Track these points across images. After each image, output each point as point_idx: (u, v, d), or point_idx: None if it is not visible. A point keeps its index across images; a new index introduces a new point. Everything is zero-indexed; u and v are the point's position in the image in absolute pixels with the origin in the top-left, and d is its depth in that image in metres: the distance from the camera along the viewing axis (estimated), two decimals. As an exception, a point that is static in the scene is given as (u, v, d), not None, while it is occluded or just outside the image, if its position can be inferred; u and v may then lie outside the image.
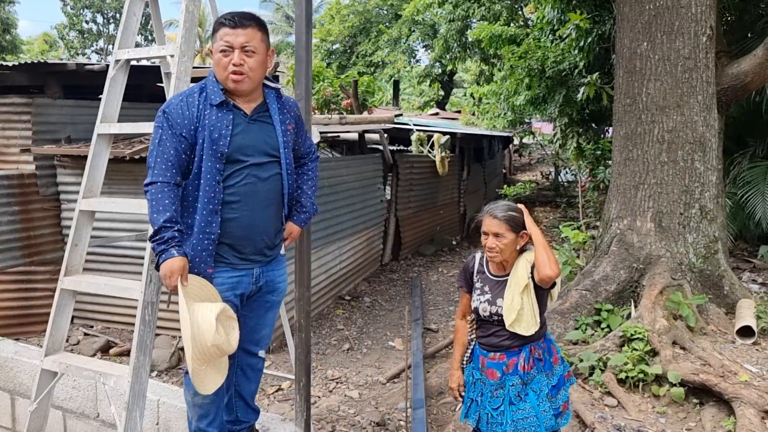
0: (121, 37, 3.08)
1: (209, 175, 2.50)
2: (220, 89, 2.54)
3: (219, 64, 2.51)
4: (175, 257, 2.42)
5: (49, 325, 3.00)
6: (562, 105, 9.07)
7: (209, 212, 2.52)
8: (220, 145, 2.50)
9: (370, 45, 24.02)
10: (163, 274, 2.43)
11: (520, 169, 23.66)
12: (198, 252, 2.53)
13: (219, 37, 2.51)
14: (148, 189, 2.48)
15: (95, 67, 6.04)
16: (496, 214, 2.66)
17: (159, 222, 2.42)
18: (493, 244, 2.66)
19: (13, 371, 4.04)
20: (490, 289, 2.75)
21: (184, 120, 2.49)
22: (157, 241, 2.43)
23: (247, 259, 2.68)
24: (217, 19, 2.56)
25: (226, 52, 2.49)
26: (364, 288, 8.38)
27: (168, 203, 2.45)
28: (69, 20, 32.04)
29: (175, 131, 2.49)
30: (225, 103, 2.54)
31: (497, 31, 10.50)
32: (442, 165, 10.22)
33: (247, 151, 2.57)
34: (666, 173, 5.55)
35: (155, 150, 2.50)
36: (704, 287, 5.50)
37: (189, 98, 2.54)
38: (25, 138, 6.02)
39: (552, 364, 2.76)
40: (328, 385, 5.32)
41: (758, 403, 3.97)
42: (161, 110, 2.53)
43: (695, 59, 5.48)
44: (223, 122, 2.52)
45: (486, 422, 2.74)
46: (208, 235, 2.53)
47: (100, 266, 5.96)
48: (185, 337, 2.37)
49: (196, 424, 2.77)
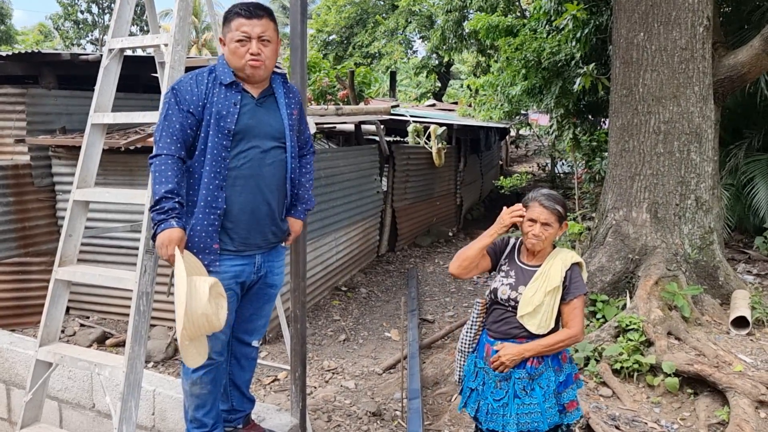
0: (114, 26, 3.05)
1: (215, 150, 2.54)
2: (232, 72, 2.59)
3: (236, 53, 2.55)
4: (174, 228, 2.43)
5: (43, 315, 3.00)
6: (558, 96, 9.07)
7: (215, 187, 2.55)
8: (227, 122, 2.54)
9: (366, 36, 23.94)
10: (160, 243, 2.43)
11: (517, 160, 23.66)
12: (204, 227, 2.56)
13: (234, 27, 2.55)
14: (153, 161, 2.50)
15: (90, 57, 6.00)
16: (546, 204, 2.64)
17: (160, 192, 2.43)
18: (540, 233, 2.63)
19: (8, 362, 4.04)
20: (516, 275, 2.72)
21: (192, 96, 2.54)
22: (157, 211, 2.44)
23: (251, 244, 2.69)
24: (231, 9, 2.59)
25: (244, 42, 2.54)
26: (361, 279, 8.39)
27: (171, 175, 2.46)
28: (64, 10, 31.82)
29: (182, 107, 2.53)
30: (234, 84, 2.59)
31: (494, 21, 10.45)
32: (439, 156, 10.22)
33: (253, 132, 2.61)
34: (662, 164, 5.55)
35: (161, 124, 2.54)
36: (699, 278, 5.52)
37: (198, 77, 2.59)
38: (19, 128, 5.99)
39: (560, 361, 2.72)
40: (324, 376, 5.33)
41: (752, 393, 3.99)
42: (171, 88, 2.58)
43: (692, 50, 5.47)
44: (231, 101, 2.57)
45: (486, 413, 2.70)
46: (213, 210, 2.56)
47: (94, 257, 5.95)
48: (178, 303, 2.34)
49: (192, 414, 2.78)
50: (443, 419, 4.27)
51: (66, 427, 3.83)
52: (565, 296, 2.64)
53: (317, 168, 7.13)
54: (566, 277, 2.64)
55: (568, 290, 2.64)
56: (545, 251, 2.72)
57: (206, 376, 2.71)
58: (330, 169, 7.51)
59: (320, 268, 7.28)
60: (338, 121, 8.03)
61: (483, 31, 10.61)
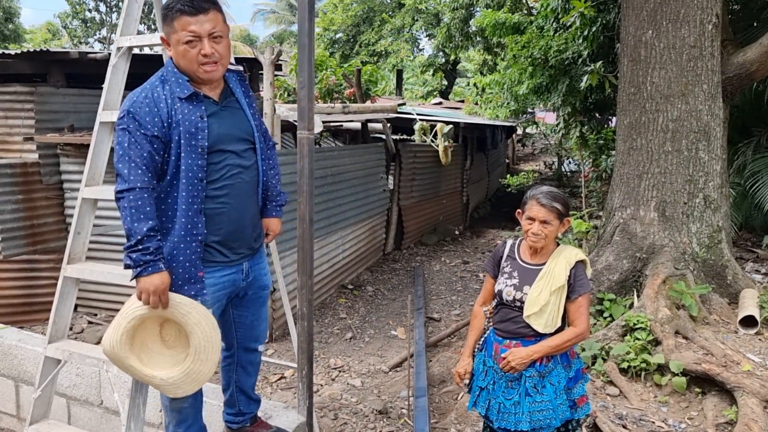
0: (123, 24, 3.06)
1: (191, 173, 2.33)
2: (186, 80, 2.37)
3: (186, 56, 2.32)
4: (163, 272, 2.29)
5: (52, 312, 3.01)
6: (565, 94, 9.04)
7: (194, 212, 2.37)
8: (198, 139, 2.33)
9: (373, 34, 23.92)
10: (151, 290, 2.27)
11: (523, 159, 23.63)
12: (187, 256, 2.37)
13: (180, 26, 2.29)
14: (124, 195, 2.26)
15: (98, 55, 6.02)
16: (544, 201, 2.62)
17: (142, 231, 2.23)
18: (539, 231, 2.62)
19: (17, 359, 4.06)
20: (519, 275, 2.71)
21: (155, 118, 2.29)
22: (141, 252, 2.24)
23: (236, 253, 2.58)
24: (170, 5, 2.31)
25: (193, 43, 2.30)
26: (367, 277, 8.39)
27: (149, 210, 2.27)
28: (72, 9, 31.95)
29: (146, 132, 2.28)
30: (195, 94, 2.36)
31: (501, 18, 10.42)
32: (445, 154, 10.20)
33: (225, 140, 2.43)
34: (670, 162, 5.53)
35: (126, 154, 2.27)
36: (707, 277, 5.49)
37: (152, 93, 2.33)
38: (28, 126, 6.02)
39: (569, 358, 2.71)
40: (331, 374, 5.34)
41: (760, 392, 3.97)
42: (125, 110, 2.31)
43: (701, 48, 5.44)
44: (196, 114, 2.35)
45: (497, 411, 2.68)
46: (194, 237, 2.38)
47: (101, 254, 5.97)
48: (212, 340, 2.41)
49: (173, 429, 2.69)
50: (450, 417, 4.27)
51: (74, 423, 3.85)
52: (570, 294, 2.63)
53: (324, 166, 7.14)
54: (571, 275, 2.64)
55: (573, 288, 2.64)
56: (548, 249, 2.71)
57: None
58: (336, 168, 7.52)
59: (327, 266, 7.29)
60: (345, 119, 8.03)
61: (489, 28, 10.58)
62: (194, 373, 2.42)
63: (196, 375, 2.43)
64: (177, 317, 2.38)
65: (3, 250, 5.89)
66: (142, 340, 2.43)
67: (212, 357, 2.43)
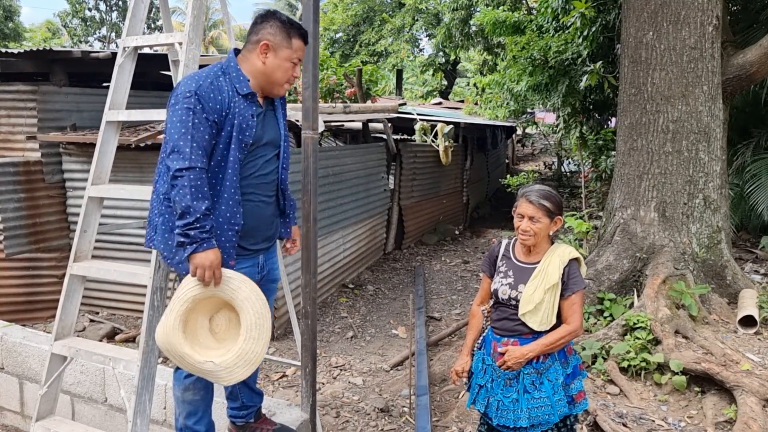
0: (129, 25, 3.08)
1: (236, 165, 2.47)
2: (247, 80, 2.53)
3: (285, 71, 2.57)
4: (216, 248, 2.37)
5: (58, 310, 3.03)
6: (564, 95, 9.05)
7: (235, 203, 2.48)
8: (246, 136, 2.49)
9: (373, 34, 23.92)
10: (207, 265, 2.34)
11: (523, 159, 23.65)
12: (222, 243, 2.46)
13: (295, 47, 2.57)
14: (184, 174, 2.31)
15: (100, 54, 6.04)
16: (532, 198, 2.66)
17: (201, 209, 2.31)
18: (528, 227, 2.65)
19: (21, 356, 4.08)
20: (514, 274, 2.74)
21: (216, 105, 2.41)
22: (198, 229, 2.31)
23: (256, 246, 2.70)
24: (294, 25, 2.59)
25: (296, 64, 2.60)
26: (368, 276, 8.42)
27: (206, 191, 2.35)
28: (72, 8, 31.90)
29: (208, 116, 2.39)
30: (252, 94, 2.53)
31: (501, 17, 10.41)
32: (446, 154, 10.23)
33: (262, 143, 2.60)
34: (670, 163, 5.56)
35: (189, 133, 2.35)
36: (707, 277, 5.52)
37: (216, 81, 2.46)
38: (30, 125, 6.04)
39: (566, 354, 2.74)
40: (332, 372, 5.36)
41: (759, 391, 4.00)
42: (191, 91, 2.38)
43: (701, 49, 5.47)
44: (249, 113, 2.51)
45: (496, 408, 2.71)
46: (232, 227, 2.49)
47: (105, 253, 5.99)
48: (262, 318, 2.43)
49: (183, 422, 2.74)
50: (451, 415, 4.29)
51: (78, 420, 3.88)
52: (564, 292, 2.66)
53: (325, 166, 7.16)
54: (564, 273, 2.66)
55: (567, 286, 2.66)
56: (541, 247, 2.73)
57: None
58: (337, 167, 7.54)
59: (328, 266, 7.31)
60: (346, 119, 8.04)
61: (489, 26, 10.58)
62: (247, 353, 2.42)
63: (249, 355, 2.42)
64: (227, 294, 2.42)
65: (5, 248, 5.91)
66: (194, 332, 2.46)
67: (265, 335, 2.44)
